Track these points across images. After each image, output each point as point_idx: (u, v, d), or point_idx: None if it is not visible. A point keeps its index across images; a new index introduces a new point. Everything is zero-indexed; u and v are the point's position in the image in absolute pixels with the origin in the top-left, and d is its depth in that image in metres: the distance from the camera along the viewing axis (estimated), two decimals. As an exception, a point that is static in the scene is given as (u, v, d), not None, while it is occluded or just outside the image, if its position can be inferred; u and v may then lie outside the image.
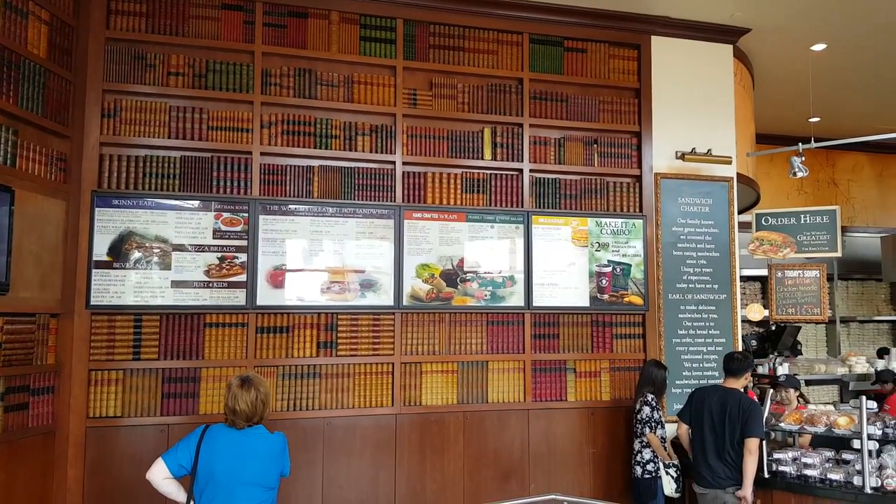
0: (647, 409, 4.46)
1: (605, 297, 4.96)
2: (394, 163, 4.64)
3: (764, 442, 3.97)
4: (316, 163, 4.54)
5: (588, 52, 5.12)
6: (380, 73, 4.72)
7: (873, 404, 4.02)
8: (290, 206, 4.40)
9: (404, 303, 4.53)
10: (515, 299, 4.77)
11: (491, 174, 4.85)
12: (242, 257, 4.29)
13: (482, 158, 4.83)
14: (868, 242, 8.48)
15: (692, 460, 4.13)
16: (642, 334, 5.04)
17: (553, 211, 4.92)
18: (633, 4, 5.00)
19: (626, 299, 5.00)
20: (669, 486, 4.38)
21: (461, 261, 4.68)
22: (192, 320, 4.23)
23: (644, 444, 4.43)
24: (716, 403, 3.97)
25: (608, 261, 4.99)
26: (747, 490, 3.79)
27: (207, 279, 4.23)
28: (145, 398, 4.11)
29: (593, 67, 5.13)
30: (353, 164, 4.60)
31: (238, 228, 4.30)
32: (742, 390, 4.06)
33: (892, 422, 3.87)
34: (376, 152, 4.63)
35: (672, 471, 4.41)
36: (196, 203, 4.27)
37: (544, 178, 4.95)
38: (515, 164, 4.88)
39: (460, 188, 4.77)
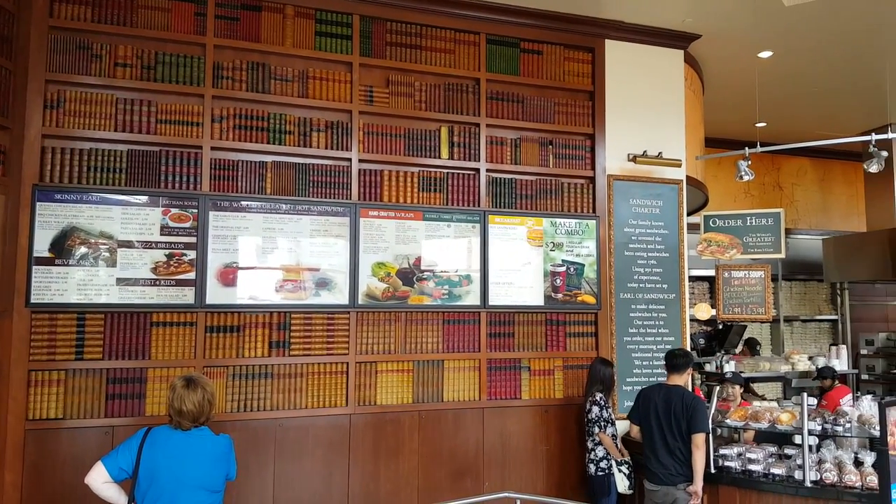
0: (595, 409, 4.51)
1: (560, 296, 5.01)
2: (350, 160, 4.60)
3: (709, 437, 4.05)
4: (269, 158, 4.46)
5: (544, 54, 5.17)
6: (335, 69, 4.66)
7: (813, 401, 4.16)
8: (242, 203, 4.31)
9: (360, 301, 4.49)
10: (472, 298, 4.78)
11: (448, 173, 4.85)
12: (191, 254, 4.18)
13: (439, 157, 4.83)
14: (810, 244, 8.79)
15: (644, 458, 4.21)
16: (595, 333, 5.11)
17: (509, 211, 4.95)
18: (587, 8, 5.06)
19: (580, 298, 5.06)
20: (622, 483, 4.44)
21: (418, 259, 4.67)
22: (138, 319, 4.10)
23: (596, 442, 4.49)
24: (661, 401, 4.07)
25: (562, 260, 5.05)
26: (698, 485, 3.88)
27: (155, 277, 4.11)
28: (88, 399, 3.97)
29: (549, 69, 5.18)
30: (307, 161, 4.54)
31: (187, 225, 4.19)
32: (685, 386, 4.16)
33: (831, 417, 4.01)
34: (332, 149, 4.57)
35: (624, 468, 4.48)
36: (143, 198, 4.15)
37: (501, 178, 4.98)
38: (472, 164, 4.90)
39: (417, 187, 4.75)
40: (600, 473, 4.46)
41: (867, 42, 5.74)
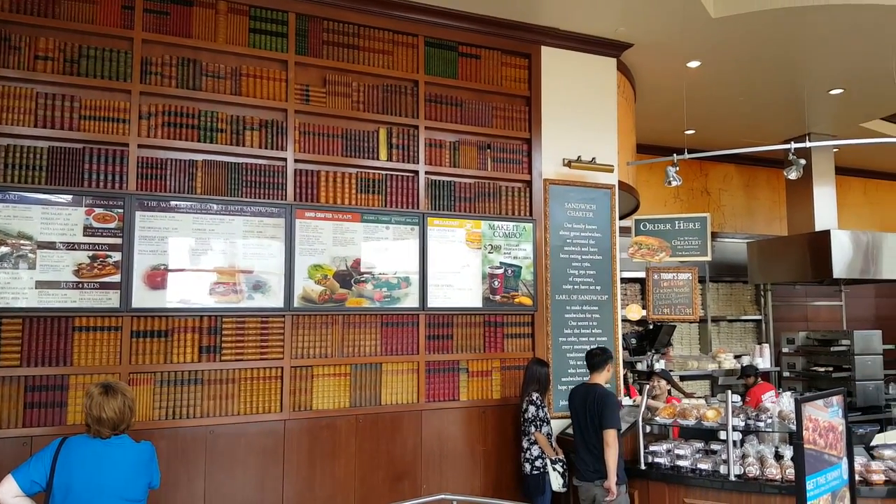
0: (532, 409, 4.57)
1: (497, 297, 5.06)
2: (285, 160, 4.52)
3: (620, 431, 4.11)
4: (199, 157, 4.33)
5: (482, 59, 5.22)
6: (270, 67, 4.57)
7: (738, 398, 4.34)
8: (171, 203, 4.17)
9: (295, 304, 4.41)
10: (410, 300, 4.77)
11: (387, 175, 4.83)
12: (116, 256, 4.02)
13: (378, 159, 4.80)
14: (736, 247, 9.17)
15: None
16: (531, 334, 5.18)
17: (448, 213, 4.96)
18: (523, 14, 5.14)
19: (517, 300, 5.12)
20: (556, 482, 4.51)
21: (356, 262, 4.62)
22: (59, 324, 3.91)
23: (532, 441, 4.54)
24: (580, 399, 4.22)
25: (500, 263, 5.10)
26: (611, 481, 3.97)
27: (77, 279, 3.93)
28: (5, 408, 3.76)
29: (486, 74, 5.23)
30: (240, 160, 4.43)
31: (112, 225, 4.02)
32: (605, 384, 4.27)
33: (754, 414, 4.19)
34: (266, 148, 4.48)
35: (559, 466, 4.54)
36: (65, 197, 3.95)
37: (439, 181, 4.99)
38: (411, 166, 4.89)
39: (355, 188, 4.71)
40: (535, 472, 4.51)
41: (788, 55, 6.03)
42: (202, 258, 4.23)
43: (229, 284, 4.27)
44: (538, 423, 4.55)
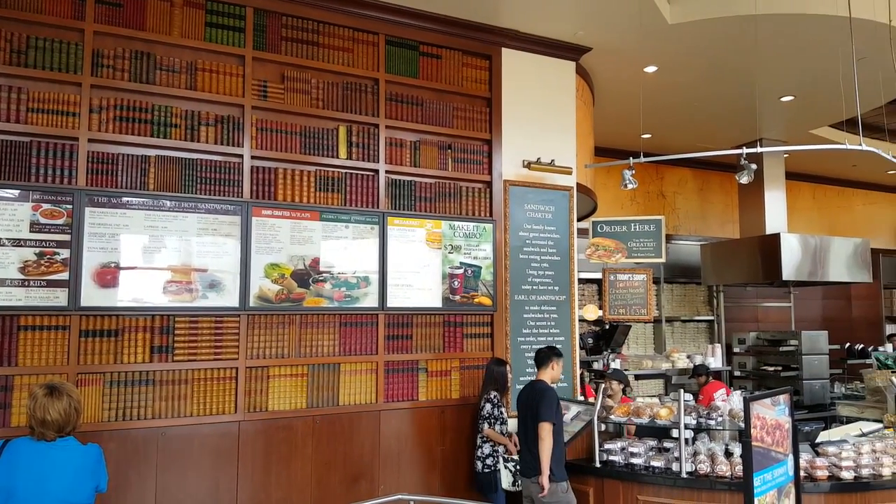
0: (488, 406, 4.60)
1: (457, 297, 5.07)
2: (241, 156, 4.44)
3: (555, 426, 4.00)
4: (153, 152, 4.23)
5: (443, 59, 5.22)
6: (227, 62, 4.49)
7: (690, 396, 4.43)
8: (123, 199, 4.06)
9: (251, 304, 4.34)
10: (370, 300, 4.74)
11: (346, 173, 4.79)
12: (65, 253, 3.89)
13: (337, 157, 4.75)
14: (690, 249, 9.38)
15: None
16: (490, 334, 5.21)
17: (408, 213, 4.95)
18: (484, 16, 5.16)
19: (477, 300, 5.14)
20: (507, 480, 4.51)
21: (314, 261, 4.57)
22: (3, 323, 3.77)
23: (484, 439, 4.56)
24: (524, 396, 4.24)
25: (460, 263, 5.11)
26: (543, 476, 3.92)
27: (23, 277, 3.79)
28: (-59, 412, 3.61)
29: (447, 74, 5.23)
30: (195, 156, 4.33)
31: (60, 221, 3.89)
32: (551, 382, 4.23)
33: (705, 412, 4.29)
34: (222, 144, 4.40)
35: (511, 465, 4.53)
36: (10, 192, 3.81)
37: (400, 180, 4.97)
38: (371, 165, 4.86)
39: (314, 186, 4.66)
40: (486, 470, 4.54)
41: (741, 62, 6.20)
42: (155, 256, 4.13)
43: (183, 283, 4.18)
44: (491, 420, 4.57)
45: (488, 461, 4.54)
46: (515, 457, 4.55)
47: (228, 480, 4.22)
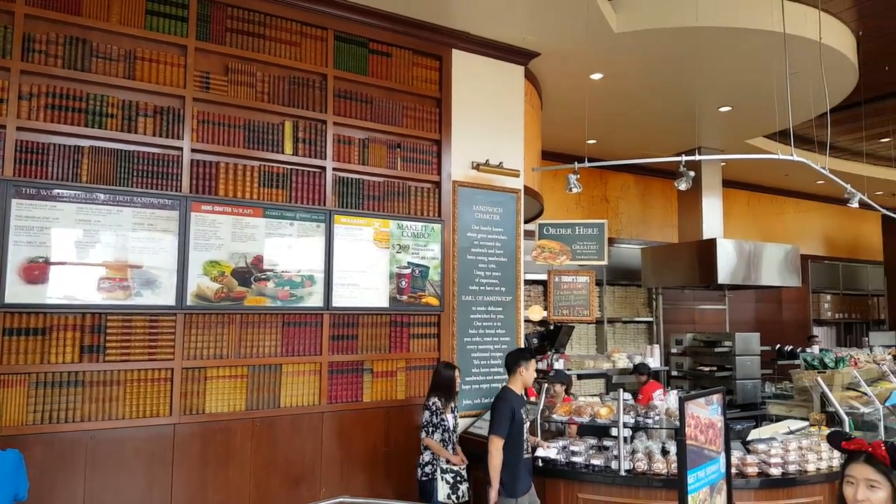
0: (426, 414, 4.40)
1: (404, 297, 5.04)
2: (181, 149, 4.29)
3: (509, 439, 3.84)
4: (86, 143, 4.04)
5: (393, 57, 5.18)
6: (168, 52, 4.34)
7: (629, 396, 4.52)
8: (53, 191, 3.86)
9: (188, 303, 4.20)
10: (314, 299, 4.66)
11: (292, 169, 4.69)
12: (-12, 247, 3.68)
13: (282, 152, 4.66)
14: (632, 253, 9.62)
15: None
16: (437, 334, 5.20)
17: (356, 211, 4.89)
18: (435, 16, 5.15)
19: (424, 300, 5.12)
20: (443, 491, 4.27)
21: (256, 258, 4.46)
22: (-85, 320, 3.54)
23: (424, 447, 4.40)
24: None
25: (408, 262, 5.08)
26: (493, 491, 3.80)
27: (-61, 272, 3.56)
28: None
29: (397, 72, 5.19)
30: (131, 148, 4.17)
31: (-18, 213, 3.68)
32: (519, 389, 4.05)
33: (643, 411, 4.39)
34: (160, 136, 4.24)
35: (449, 476, 4.31)
36: (-73, 181, 3.58)
37: (348, 178, 4.91)
38: (318, 161, 4.78)
39: (258, 182, 4.54)
40: (424, 478, 4.34)
41: (682, 73, 6.39)
42: (87, 251, 3.95)
43: (116, 280, 4.01)
44: (430, 428, 4.36)
45: (427, 469, 4.34)
46: (455, 467, 4.34)
47: (162, 485, 4.07)
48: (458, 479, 4.34)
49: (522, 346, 5.66)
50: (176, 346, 4.18)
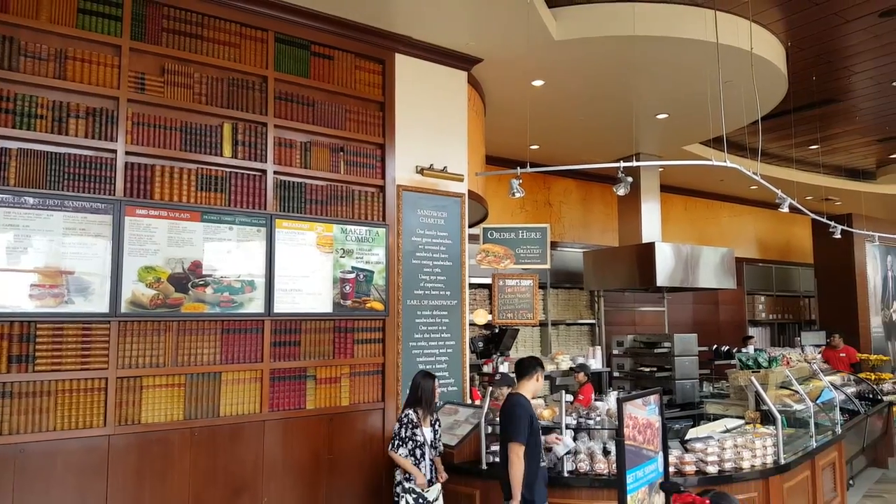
0: (395, 426, 4.20)
1: (348, 302, 5.00)
2: (115, 151, 4.16)
3: (527, 447, 3.69)
4: (13, 145, 3.87)
5: (335, 60, 5.15)
6: (101, 52, 4.20)
7: (571, 397, 4.60)
8: (-24, 195, 3.68)
9: (123, 310, 4.06)
10: (255, 305, 4.57)
11: (231, 173, 4.60)
12: None
13: (221, 155, 4.56)
14: (574, 256, 9.80)
15: None
16: (382, 339, 5.17)
17: (298, 215, 4.82)
18: (377, 20, 5.14)
19: (368, 305, 5.09)
20: None
21: (194, 264, 4.35)
22: None
23: (393, 463, 4.20)
24: (501, 411, 3.91)
25: (352, 267, 5.04)
26: (515, 500, 3.64)
27: None
28: None
29: (340, 76, 5.16)
30: (62, 150, 4.01)
31: None
32: (531, 396, 3.90)
33: (585, 412, 4.48)
34: (93, 138, 4.10)
35: (410, 497, 4.07)
36: None
37: (289, 182, 4.84)
38: (258, 165, 4.70)
39: (195, 185, 4.44)
40: (396, 499, 4.14)
41: (620, 80, 6.56)
42: (16, 257, 3.78)
43: (46, 287, 3.85)
44: (396, 441, 4.13)
45: (397, 489, 4.12)
46: (417, 488, 4.09)
47: (97, 499, 3.92)
48: (421, 500, 4.10)
49: (468, 349, 5.69)
50: (110, 354, 4.04)
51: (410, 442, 4.13)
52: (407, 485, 4.10)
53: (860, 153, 10.63)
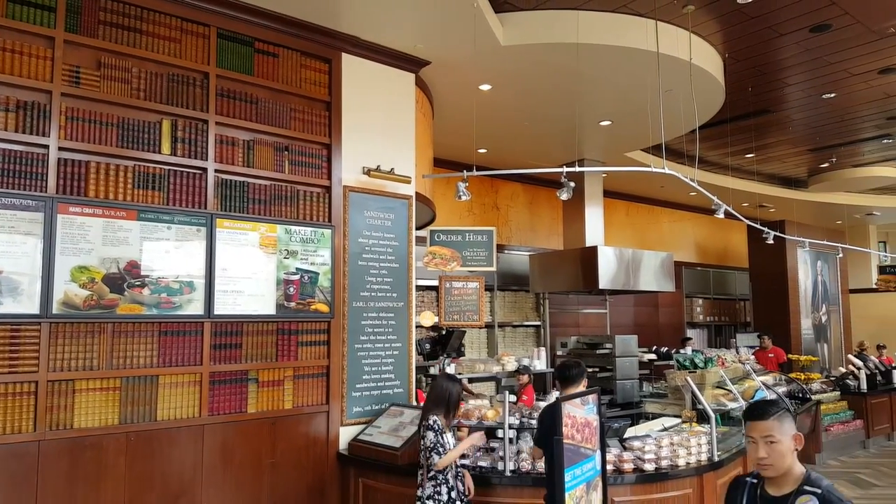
0: (430, 435, 3.81)
1: (292, 304, 4.93)
2: (47, 147, 3.99)
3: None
4: (-65, 138, 3.68)
5: (280, 58, 5.08)
6: (33, 43, 4.03)
7: (514, 397, 4.66)
8: None
9: (54, 311, 3.90)
10: (194, 307, 4.46)
11: (170, 170, 4.48)
12: None
13: (160, 152, 4.44)
14: (521, 259, 9.93)
15: None
16: (327, 341, 5.12)
17: (240, 215, 4.73)
18: (324, 19, 5.09)
19: (313, 307, 5.04)
20: None
21: (130, 264, 4.21)
22: None
23: (430, 475, 3.79)
24: (549, 416, 3.71)
25: (297, 268, 4.98)
26: None
27: None
28: None
29: (285, 74, 5.09)
30: (-11, 145, 3.84)
31: None
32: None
33: (528, 412, 4.54)
34: (23, 133, 3.92)
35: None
36: None
37: (232, 181, 4.75)
38: (199, 163, 4.59)
39: (132, 183, 4.30)
40: None
41: (565, 86, 6.68)
42: (-67, 256, 3.59)
43: (-31, 287, 3.66)
44: (440, 449, 3.75)
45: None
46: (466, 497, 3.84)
47: (22, 509, 3.76)
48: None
49: (414, 352, 5.69)
50: (41, 357, 3.88)
51: (442, 448, 3.81)
52: (446, 497, 3.79)
53: (793, 162, 11.12)
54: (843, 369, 10.66)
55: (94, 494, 4.00)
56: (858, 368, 10.00)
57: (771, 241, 9.22)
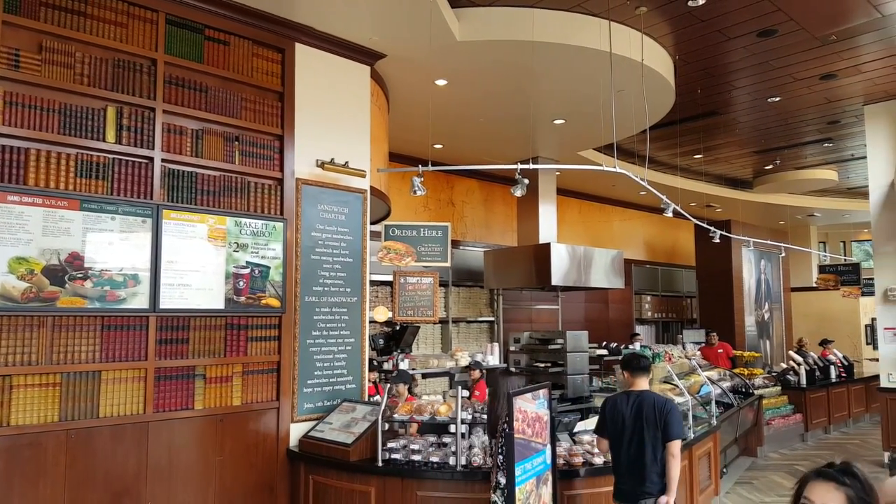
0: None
1: (242, 299, 4.83)
2: (-17, 133, 3.82)
3: (681, 443, 3.81)
4: None
5: (231, 46, 4.96)
6: (-33, 22, 3.84)
7: (467, 392, 4.68)
8: None
9: (-11, 304, 3.74)
10: (139, 301, 4.33)
11: (114, 159, 4.33)
12: None
13: (104, 140, 4.28)
14: (476, 255, 9.97)
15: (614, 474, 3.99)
16: (278, 336, 5.04)
17: (188, 206, 4.61)
18: (276, 7, 4.98)
19: (264, 301, 4.95)
20: None
21: (71, 255, 4.06)
22: None
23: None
24: (630, 407, 3.93)
25: (247, 262, 4.88)
26: (671, 495, 3.73)
27: None
28: None
29: (236, 62, 4.98)
30: (-82, 129, 3.64)
31: None
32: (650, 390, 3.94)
33: (480, 407, 4.56)
34: (-44, 117, 3.75)
35: None
36: None
37: (179, 171, 4.62)
38: (145, 152, 4.45)
39: (74, 171, 4.14)
40: None
41: (520, 84, 6.73)
42: None
43: None
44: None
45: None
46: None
47: (-49, 511, 3.59)
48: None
49: (368, 347, 5.65)
50: (-28, 352, 3.70)
51: None
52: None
53: (739, 163, 11.47)
54: (784, 365, 11.07)
55: (33, 493, 3.85)
56: (799, 364, 10.39)
57: (717, 240, 9.49)
